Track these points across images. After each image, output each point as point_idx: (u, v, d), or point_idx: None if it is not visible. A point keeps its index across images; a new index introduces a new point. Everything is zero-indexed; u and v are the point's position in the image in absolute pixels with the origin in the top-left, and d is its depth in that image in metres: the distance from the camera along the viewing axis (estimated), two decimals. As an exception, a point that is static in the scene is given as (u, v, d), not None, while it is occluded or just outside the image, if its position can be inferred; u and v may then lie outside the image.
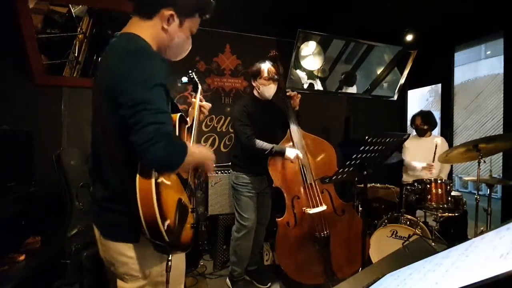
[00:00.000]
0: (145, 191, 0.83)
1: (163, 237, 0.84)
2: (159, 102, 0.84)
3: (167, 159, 0.83)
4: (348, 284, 0.78)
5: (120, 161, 0.92)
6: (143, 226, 0.84)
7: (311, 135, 2.27)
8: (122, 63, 0.86)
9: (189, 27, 1.00)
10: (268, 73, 2.14)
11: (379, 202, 2.77)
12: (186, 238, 0.98)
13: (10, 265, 1.75)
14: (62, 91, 2.54)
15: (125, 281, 1.00)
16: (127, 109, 0.82)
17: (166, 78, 0.89)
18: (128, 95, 0.82)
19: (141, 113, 0.80)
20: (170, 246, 0.87)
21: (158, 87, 0.85)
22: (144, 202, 0.83)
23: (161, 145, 0.80)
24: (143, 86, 0.83)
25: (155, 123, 0.80)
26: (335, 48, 3.33)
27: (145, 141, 0.79)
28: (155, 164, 0.84)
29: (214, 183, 2.68)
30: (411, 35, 3.21)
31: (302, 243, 2.06)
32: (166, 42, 0.98)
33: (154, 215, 0.82)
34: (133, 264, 0.96)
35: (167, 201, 0.88)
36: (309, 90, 3.39)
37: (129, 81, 0.83)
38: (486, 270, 0.40)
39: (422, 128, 2.87)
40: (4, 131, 2.03)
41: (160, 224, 0.83)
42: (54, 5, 2.35)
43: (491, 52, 5.42)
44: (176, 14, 0.94)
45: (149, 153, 0.80)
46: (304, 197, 2.11)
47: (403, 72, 3.61)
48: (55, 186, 2.08)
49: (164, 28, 0.95)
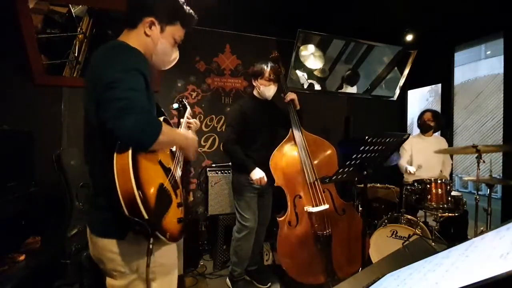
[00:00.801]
0: (121, 166, 0.82)
1: (140, 211, 0.80)
2: (132, 81, 0.86)
3: (137, 134, 0.82)
4: (348, 284, 0.78)
5: (100, 151, 0.94)
6: (121, 204, 0.81)
7: (312, 135, 2.28)
8: (103, 56, 0.94)
9: (171, 34, 1.08)
10: (269, 74, 2.14)
11: (379, 202, 2.77)
12: (172, 228, 0.95)
13: (10, 265, 1.75)
14: (62, 91, 2.54)
15: (114, 278, 1.01)
16: (100, 88, 0.85)
17: (145, 69, 0.93)
18: (103, 77, 0.86)
19: (110, 90, 0.83)
20: (150, 226, 0.83)
21: (134, 71, 0.88)
22: (121, 177, 0.81)
23: (130, 119, 0.80)
24: (117, 68, 0.87)
25: (123, 98, 0.82)
26: (335, 48, 3.33)
27: (114, 115, 0.81)
28: (125, 138, 0.83)
29: (214, 183, 2.68)
30: (411, 35, 3.21)
31: (303, 242, 2.06)
32: (151, 47, 1.05)
33: (131, 186, 0.80)
34: (120, 260, 0.97)
35: (146, 180, 0.86)
36: (309, 90, 3.39)
37: (106, 66, 0.89)
38: (486, 270, 0.40)
39: (429, 125, 2.86)
40: (4, 131, 2.02)
41: (137, 195, 0.80)
42: (54, 5, 2.35)
43: (491, 52, 5.42)
44: (157, 21, 1.03)
45: (118, 126, 0.80)
46: (306, 196, 2.11)
47: (403, 72, 3.61)
48: (55, 186, 2.08)
49: (146, 33, 1.03)
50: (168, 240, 0.91)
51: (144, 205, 0.81)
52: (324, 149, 2.26)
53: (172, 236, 0.94)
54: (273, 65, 2.18)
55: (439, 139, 2.98)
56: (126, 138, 0.83)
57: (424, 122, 2.88)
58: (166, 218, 0.92)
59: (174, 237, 0.95)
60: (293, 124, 2.22)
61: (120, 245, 0.96)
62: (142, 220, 0.81)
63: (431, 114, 2.87)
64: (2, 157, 1.94)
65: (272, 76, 2.15)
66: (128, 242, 0.95)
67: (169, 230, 0.92)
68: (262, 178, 2.07)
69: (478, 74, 5.60)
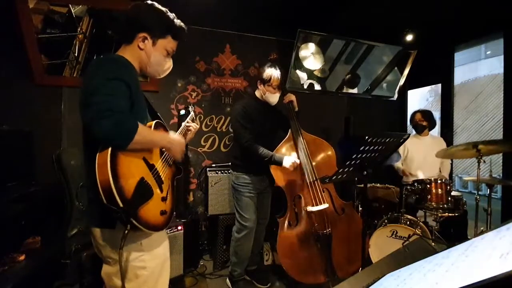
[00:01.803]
0: (101, 161, 0.92)
1: (116, 200, 0.89)
2: (111, 88, 0.95)
3: (112, 134, 0.91)
4: (348, 284, 0.78)
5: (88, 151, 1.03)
6: (100, 193, 0.90)
7: (312, 135, 2.29)
8: (92, 66, 1.05)
9: (163, 46, 1.19)
10: (278, 81, 2.14)
11: (379, 202, 2.76)
12: (152, 218, 1.03)
13: (10, 265, 1.75)
14: (62, 91, 2.54)
15: (109, 264, 1.11)
16: (82, 95, 0.96)
17: (130, 78, 1.02)
18: (87, 85, 0.97)
19: (90, 97, 0.93)
20: (125, 213, 0.91)
21: (115, 81, 0.97)
22: (100, 170, 0.91)
23: (106, 121, 0.90)
24: (100, 77, 0.97)
25: (101, 102, 0.91)
26: (335, 48, 3.33)
27: (92, 117, 0.91)
28: (102, 138, 0.92)
29: (214, 183, 2.68)
30: (411, 35, 3.20)
31: (303, 242, 2.06)
32: (145, 59, 1.16)
33: (107, 177, 0.89)
34: (110, 247, 1.07)
35: (123, 171, 0.94)
36: (309, 90, 3.39)
37: (91, 76, 0.99)
38: (486, 270, 0.40)
39: (421, 125, 2.87)
40: (4, 131, 2.02)
41: (112, 185, 0.89)
42: (54, 5, 2.35)
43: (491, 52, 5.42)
44: (149, 36, 1.14)
45: (95, 127, 0.90)
46: (306, 196, 2.11)
47: (403, 72, 3.61)
48: (55, 186, 2.08)
49: (139, 47, 1.14)
50: (146, 228, 0.99)
51: (119, 194, 0.90)
52: (323, 149, 2.27)
53: (153, 226, 1.03)
54: (280, 72, 2.16)
55: (436, 139, 2.98)
56: (103, 138, 0.93)
57: (416, 123, 2.91)
58: (144, 209, 1.00)
59: (154, 226, 1.04)
60: (292, 125, 2.23)
61: (109, 233, 1.05)
62: (117, 208, 0.90)
63: (421, 115, 2.90)
64: (2, 157, 1.94)
65: (280, 84, 2.15)
66: (117, 231, 1.02)
67: (149, 220, 1.01)
68: (294, 162, 2.04)
69: (478, 74, 5.60)
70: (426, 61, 3.51)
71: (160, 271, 1.15)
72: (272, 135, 2.28)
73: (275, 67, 2.18)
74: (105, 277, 1.13)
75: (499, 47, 2.97)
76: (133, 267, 1.07)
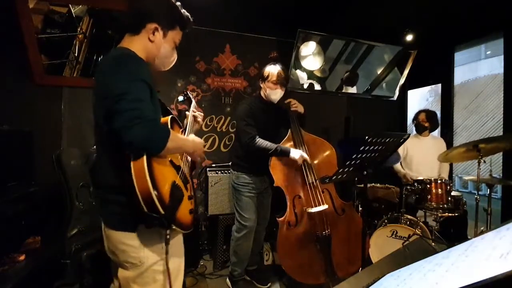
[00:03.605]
0: (138, 170, 0.91)
1: (157, 208, 0.90)
2: (138, 92, 0.93)
3: (146, 142, 0.90)
4: (348, 284, 0.78)
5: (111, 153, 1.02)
6: (140, 202, 0.90)
7: (312, 135, 2.28)
8: (109, 65, 1.00)
9: (172, 38, 1.15)
10: (277, 77, 2.12)
11: (379, 202, 2.77)
12: (185, 219, 1.05)
13: (10, 265, 1.75)
14: (62, 91, 2.54)
15: (126, 269, 1.07)
16: (109, 100, 0.92)
17: (150, 79, 0.99)
18: (111, 89, 0.93)
19: (120, 102, 0.89)
20: (166, 219, 0.93)
21: (138, 82, 0.95)
22: (138, 179, 0.91)
23: (138, 128, 0.87)
24: (123, 80, 0.93)
25: (132, 109, 0.89)
26: (335, 48, 3.33)
27: (123, 126, 0.88)
28: (135, 147, 0.90)
29: (214, 183, 2.68)
30: (411, 35, 3.20)
31: (303, 242, 2.06)
32: (154, 52, 1.12)
33: (147, 186, 0.90)
34: (132, 252, 1.03)
35: (159, 178, 0.95)
36: (309, 90, 3.39)
37: (113, 78, 0.95)
38: (486, 270, 0.40)
39: (423, 125, 2.87)
40: (4, 131, 2.02)
41: (153, 194, 0.90)
42: (54, 5, 2.35)
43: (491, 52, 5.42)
44: (159, 27, 1.09)
45: (128, 136, 0.87)
46: (305, 196, 2.11)
47: (403, 72, 3.61)
48: (55, 186, 2.08)
49: (150, 40, 1.09)
50: (183, 230, 1.02)
51: (160, 202, 0.91)
52: (323, 149, 2.26)
53: (186, 226, 1.06)
54: (280, 68, 2.15)
55: (436, 139, 2.97)
56: (135, 147, 0.91)
57: (419, 122, 2.89)
58: (179, 211, 1.02)
59: (187, 226, 1.07)
60: (292, 125, 2.23)
61: (131, 237, 1.02)
62: (159, 215, 0.92)
63: (425, 115, 2.88)
64: (2, 157, 1.94)
65: (279, 80, 2.12)
66: (139, 235, 1.02)
67: (183, 221, 1.04)
68: (301, 155, 2.04)
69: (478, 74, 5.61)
70: (426, 61, 3.51)
71: (176, 274, 1.13)
72: (273, 135, 2.28)
73: (274, 64, 2.18)
74: (122, 281, 1.09)
75: (499, 47, 2.97)
76: (152, 271, 1.05)
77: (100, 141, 1.07)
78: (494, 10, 2.72)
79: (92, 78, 2.66)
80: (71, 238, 1.97)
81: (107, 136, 0.99)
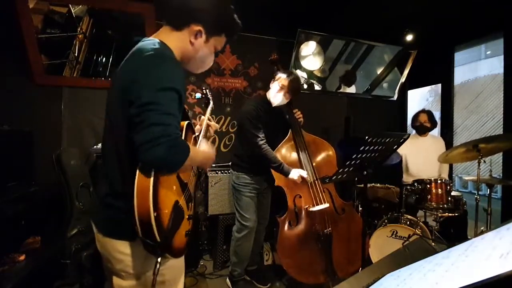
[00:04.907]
0: (142, 187, 0.83)
1: (154, 236, 0.82)
2: (168, 104, 0.84)
3: (167, 161, 0.82)
4: (348, 284, 0.78)
5: (124, 158, 0.93)
6: (136, 223, 0.83)
7: (312, 135, 2.29)
8: (140, 63, 0.89)
9: (214, 44, 1.05)
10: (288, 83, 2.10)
11: (379, 202, 2.76)
12: (179, 243, 0.96)
13: (10, 265, 1.75)
14: (62, 91, 2.54)
15: (122, 278, 1.00)
16: (135, 108, 0.83)
17: (181, 85, 0.90)
18: (139, 94, 0.83)
19: (147, 113, 0.81)
20: (160, 248, 0.85)
21: (169, 91, 0.85)
22: (140, 198, 0.83)
23: (163, 147, 0.79)
24: (154, 87, 0.84)
25: (159, 124, 0.80)
26: (335, 48, 3.33)
27: (147, 141, 0.79)
28: (154, 165, 0.84)
29: (214, 183, 2.68)
30: (411, 35, 3.20)
31: (304, 241, 2.06)
32: (191, 54, 1.02)
33: (148, 212, 0.81)
34: (130, 262, 0.97)
35: (163, 200, 0.87)
36: (309, 90, 3.39)
37: (142, 81, 0.85)
38: (486, 270, 0.40)
39: (426, 126, 2.85)
40: (4, 131, 2.03)
41: (153, 222, 0.81)
42: (54, 5, 2.35)
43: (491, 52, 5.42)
44: (204, 30, 0.99)
45: (150, 153, 0.80)
46: (306, 195, 2.11)
47: (403, 72, 3.61)
48: (55, 186, 2.08)
49: (191, 42, 0.99)
50: (174, 256, 0.93)
51: (157, 227, 0.82)
52: (323, 149, 2.28)
53: (179, 252, 0.96)
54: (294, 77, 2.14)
55: (436, 139, 2.97)
56: (156, 165, 0.84)
57: (421, 124, 2.85)
58: (176, 236, 0.92)
59: (181, 252, 0.98)
60: (292, 125, 2.23)
61: (130, 246, 0.96)
62: (154, 242, 0.83)
63: (427, 116, 2.85)
64: (2, 157, 1.94)
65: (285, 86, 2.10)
66: (138, 244, 0.94)
67: (177, 246, 0.94)
68: (300, 175, 2.05)
69: (478, 74, 5.60)
70: (426, 61, 3.52)
71: (177, 284, 1.09)
72: (275, 136, 2.28)
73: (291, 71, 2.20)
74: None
75: (499, 47, 2.97)
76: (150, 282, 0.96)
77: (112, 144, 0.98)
78: (494, 10, 2.72)
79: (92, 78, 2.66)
80: (71, 238, 1.97)
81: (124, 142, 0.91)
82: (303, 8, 2.82)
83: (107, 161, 1.00)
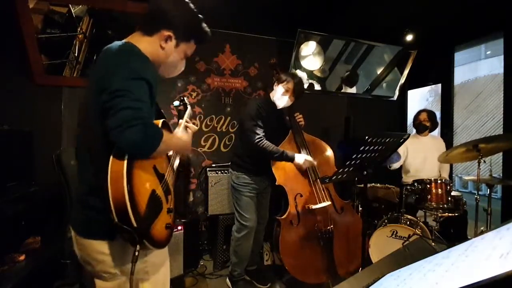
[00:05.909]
0: (116, 172, 0.83)
1: (130, 220, 0.81)
2: (138, 92, 0.87)
3: (140, 144, 0.84)
4: (348, 284, 0.78)
5: (96, 152, 0.93)
6: (111, 209, 0.81)
7: (311, 136, 2.31)
8: (112, 57, 0.94)
9: (184, 50, 1.10)
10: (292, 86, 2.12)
11: (379, 202, 2.76)
12: (159, 235, 0.95)
13: (10, 265, 1.75)
14: (62, 91, 2.54)
15: (104, 280, 0.99)
16: (107, 94, 0.86)
17: (152, 78, 0.93)
18: (110, 82, 0.86)
19: (117, 99, 0.84)
20: (138, 234, 0.84)
21: (139, 81, 0.89)
22: (113, 182, 0.82)
23: (135, 130, 0.81)
24: (125, 76, 0.87)
25: (130, 108, 0.83)
26: (335, 48, 3.33)
27: (119, 125, 0.81)
28: (127, 148, 0.85)
29: (214, 183, 2.68)
30: (411, 35, 3.20)
31: (305, 241, 2.07)
32: (162, 59, 1.06)
33: (123, 195, 0.80)
34: (110, 261, 0.96)
35: (138, 186, 0.87)
36: (309, 90, 3.39)
37: (113, 71, 0.88)
38: (486, 270, 0.40)
39: (425, 125, 2.85)
40: (4, 131, 2.03)
41: (128, 204, 0.80)
42: (54, 5, 2.35)
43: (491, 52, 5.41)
44: (174, 36, 1.04)
45: (122, 136, 0.82)
46: (307, 194, 2.13)
47: (403, 72, 3.61)
48: (55, 186, 2.08)
49: (161, 46, 1.04)
50: (154, 247, 0.91)
51: (134, 213, 0.81)
52: (322, 150, 2.30)
53: (159, 243, 0.94)
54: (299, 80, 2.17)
55: (436, 139, 2.97)
56: (128, 148, 0.85)
57: (420, 122, 2.87)
58: (155, 225, 0.91)
59: (161, 243, 0.96)
60: (293, 126, 2.25)
61: (110, 246, 0.95)
62: (130, 228, 0.82)
63: (426, 115, 2.86)
64: (2, 157, 1.94)
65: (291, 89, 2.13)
66: (118, 243, 0.94)
67: (157, 237, 0.92)
68: (305, 160, 2.06)
69: (478, 74, 5.60)
70: (426, 61, 3.52)
71: (163, 281, 1.09)
72: (275, 136, 2.28)
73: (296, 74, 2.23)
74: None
75: (499, 47, 2.97)
76: (136, 280, 0.97)
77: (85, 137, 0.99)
78: (494, 10, 2.72)
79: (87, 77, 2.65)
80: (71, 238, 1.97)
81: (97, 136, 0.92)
82: (303, 8, 2.82)
83: (81, 161, 1.01)
